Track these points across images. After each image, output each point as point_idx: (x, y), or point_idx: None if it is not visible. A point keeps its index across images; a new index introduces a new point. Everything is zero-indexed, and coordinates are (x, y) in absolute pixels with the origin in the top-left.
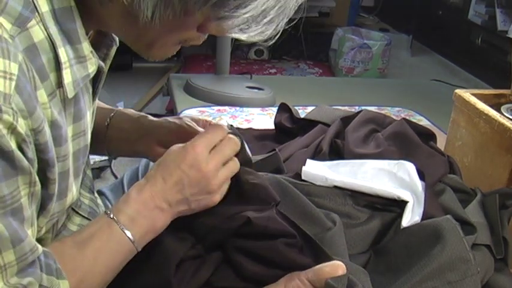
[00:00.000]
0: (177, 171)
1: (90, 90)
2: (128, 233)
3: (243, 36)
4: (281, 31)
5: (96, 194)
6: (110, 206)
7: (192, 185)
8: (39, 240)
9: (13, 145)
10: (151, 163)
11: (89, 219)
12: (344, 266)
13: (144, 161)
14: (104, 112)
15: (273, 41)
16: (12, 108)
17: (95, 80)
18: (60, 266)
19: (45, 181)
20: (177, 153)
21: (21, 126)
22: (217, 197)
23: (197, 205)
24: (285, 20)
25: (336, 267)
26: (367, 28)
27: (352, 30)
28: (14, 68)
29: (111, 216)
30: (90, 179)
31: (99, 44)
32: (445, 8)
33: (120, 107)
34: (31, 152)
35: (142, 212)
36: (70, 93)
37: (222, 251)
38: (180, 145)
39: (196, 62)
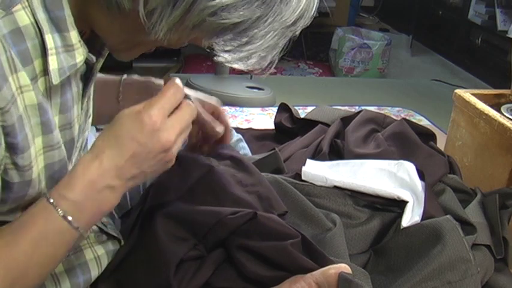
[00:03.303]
0: (133, 144)
1: (81, 86)
2: (71, 218)
3: (242, 67)
4: (276, 61)
5: None
6: None
7: (149, 157)
8: None
9: None
10: None
11: None
12: (349, 268)
13: None
14: (113, 83)
15: (269, 71)
16: None
17: (87, 78)
18: None
19: (15, 169)
20: (130, 123)
21: None
22: (172, 162)
23: (153, 174)
24: (279, 52)
25: (342, 269)
26: (367, 28)
27: (352, 30)
28: None
29: (51, 201)
30: None
31: (92, 41)
32: (445, 8)
33: None
34: None
35: (89, 194)
36: (55, 80)
37: (224, 250)
38: (132, 111)
39: (196, 62)
